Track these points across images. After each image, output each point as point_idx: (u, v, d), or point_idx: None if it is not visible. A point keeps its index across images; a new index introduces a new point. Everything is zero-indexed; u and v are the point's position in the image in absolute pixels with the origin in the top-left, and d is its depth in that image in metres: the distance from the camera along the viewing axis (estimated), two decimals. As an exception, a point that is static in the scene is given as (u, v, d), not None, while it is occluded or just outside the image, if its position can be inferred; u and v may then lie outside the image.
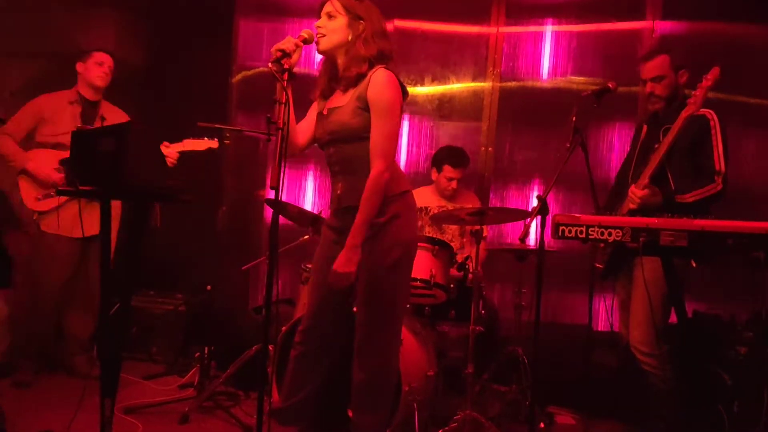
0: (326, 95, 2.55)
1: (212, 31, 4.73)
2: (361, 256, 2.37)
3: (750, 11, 3.99)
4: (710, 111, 2.94)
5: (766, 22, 3.99)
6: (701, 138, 2.89)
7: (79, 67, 3.76)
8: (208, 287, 4.00)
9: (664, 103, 3.02)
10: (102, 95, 3.83)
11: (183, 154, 3.46)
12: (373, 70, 2.40)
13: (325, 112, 2.51)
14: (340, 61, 2.46)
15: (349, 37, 2.43)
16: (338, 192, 2.48)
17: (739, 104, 3.95)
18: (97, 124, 3.74)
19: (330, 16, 2.44)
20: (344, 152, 2.44)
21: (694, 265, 2.76)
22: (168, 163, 3.18)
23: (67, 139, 3.57)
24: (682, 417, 2.84)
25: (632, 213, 2.90)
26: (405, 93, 2.45)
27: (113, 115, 3.86)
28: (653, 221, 1.97)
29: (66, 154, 3.54)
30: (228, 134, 3.65)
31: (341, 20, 2.43)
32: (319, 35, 2.43)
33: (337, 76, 2.50)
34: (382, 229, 2.39)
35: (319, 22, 2.45)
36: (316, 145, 2.61)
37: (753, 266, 1.78)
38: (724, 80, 3.89)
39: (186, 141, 3.51)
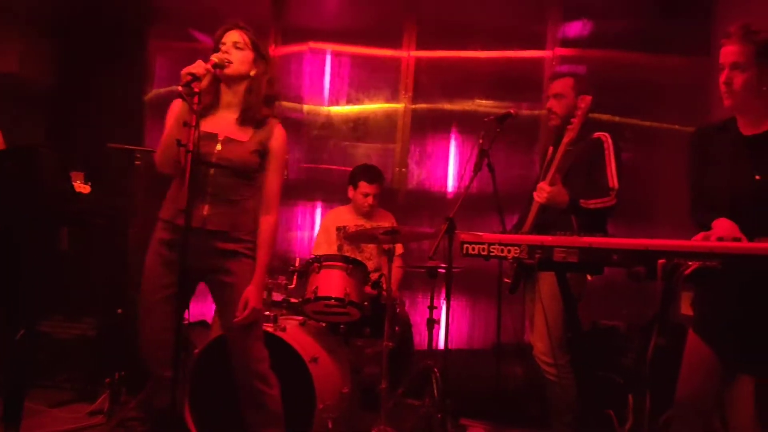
0: (203, 114, 2.53)
1: (124, 49, 4.65)
2: (225, 280, 2.56)
3: (641, 40, 4.30)
4: (605, 133, 3.15)
5: (657, 50, 4.31)
6: (596, 158, 3.09)
7: None
8: (119, 311, 3.90)
9: (559, 121, 3.21)
10: None
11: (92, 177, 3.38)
12: (275, 121, 2.61)
13: (221, 137, 2.54)
14: (239, 91, 2.57)
15: (252, 73, 2.55)
16: (204, 213, 2.50)
17: (632, 126, 4.24)
18: None
19: (238, 47, 2.52)
20: (226, 181, 2.54)
21: (589, 278, 2.95)
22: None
23: None
24: (582, 422, 3.01)
25: (541, 208, 3.05)
26: None
27: None
28: (547, 239, 2.10)
29: None
30: (138, 155, 3.60)
31: (248, 54, 2.55)
32: (228, 60, 2.49)
33: (217, 98, 2.59)
34: (248, 257, 2.58)
35: (226, 48, 2.51)
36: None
37: (635, 280, 1.93)
38: (619, 104, 4.20)
39: None
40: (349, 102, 4.62)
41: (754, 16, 3.48)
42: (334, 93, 4.64)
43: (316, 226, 4.70)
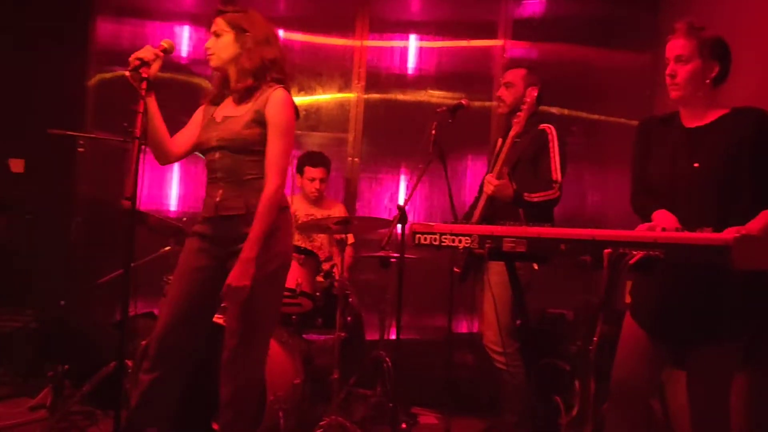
0: (216, 102, 2.56)
1: (67, 30, 4.47)
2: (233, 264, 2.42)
3: (590, 36, 4.39)
4: (549, 126, 3.21)
5: (604, 45, 4.41)
6: (540, 150, 3.15)
7: None
8: (62, 302, 3.78)
9: (507, 109, 3.27)
10: None
11: (31, 163, 3.27)
12: (273, 88, 2.45)
13: (218, 119, 2.49)
14: (231, 73, 2.50)
15: (239, 51, 2.47)
16: (217, 199, 2.44)
17: (579, 119, 4.32)
18: None
19: (217, 35, 2.47)
20: (230, 161, 2.45)
21: (536, 267, 3.01)
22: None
23: None
24: (531, 408, 3.08)
25: (490, 199, 3.10)
26: (297, 114, 2.54)
27: None
28: (497, 229, 2.13)
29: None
30: (81, 141, 3.48)
31: (228, 37, 2.47)
32: (209, 54, 2.46)
33: (228, 86, 2.53)
34: (263, 241, 2.42)
35: (207, 44, 2.47)
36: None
37: (581, 269, 1.97)
38: (568, 97, 4.28)
39: None
40: (301, 90, 4.57)
41: (697, 12, 3.60)
42: (286, 81, 4.58)
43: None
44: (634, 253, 1.87)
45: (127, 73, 2.24)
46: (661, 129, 2.32)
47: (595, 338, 1.98)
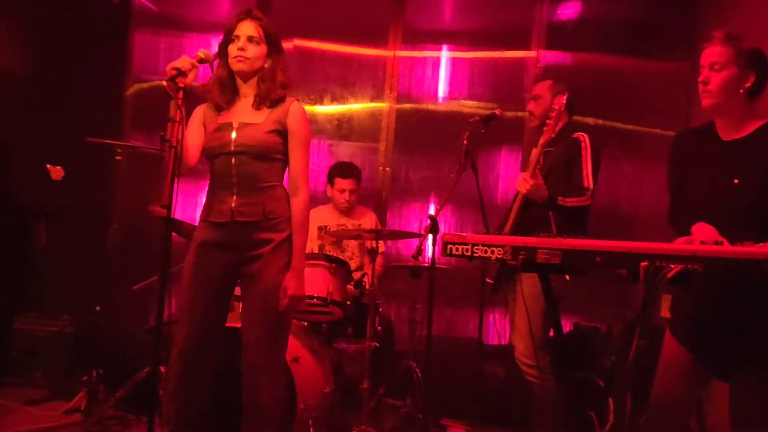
0: (220, 108, 2.56)
1: (105, 41, 4.57)
2: (254, 272, 2.46)
3: (625, 45, 4.35)
4: (583, 134, 3.17)
5: (640, 55, 4.36)
6: (573, 158, 3.11)
7: None
8: (97, 308, 3.85)
9: (537, 122, 3.23)
10: None
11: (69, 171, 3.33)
12: (291, 99, 2.55)
13: (235, 125, 2.50)
14: (253, 82, 2.53)
15: (266, 65, 2.52)
16: (232, 205, 2.47)
17: (615, 129, 4.27)
18: None
19: (254, 41, 2.48)
20: (249, 167, 2.48)
21: (567, 278, 2.97)
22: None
23: None
24: (563, 423, 3.03)
25: (522, 207, 3.06)
26: None
27: None
28: (531, 240, 2.10)
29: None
30: (119, 150, 3.54)
31: (263, 49, 2.51)
32: (240, 57, 2.46)
33: (235, 90, 2.56)
34: (280, 246, 2.48)
35: (241, 44, 2.46)
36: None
37: (617, 282, 1.94)
38: (603, 107, 4.24)
39: None
40: (333, 100, 4.60)
41: (735, 18, 3.54)
42: (319, 91, 4.62)
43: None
44: (672, 266, 1.84)
45: (164, 83, 2.26)
46: (697, 142, 2.27)
47: (632, 353, 1.94)
